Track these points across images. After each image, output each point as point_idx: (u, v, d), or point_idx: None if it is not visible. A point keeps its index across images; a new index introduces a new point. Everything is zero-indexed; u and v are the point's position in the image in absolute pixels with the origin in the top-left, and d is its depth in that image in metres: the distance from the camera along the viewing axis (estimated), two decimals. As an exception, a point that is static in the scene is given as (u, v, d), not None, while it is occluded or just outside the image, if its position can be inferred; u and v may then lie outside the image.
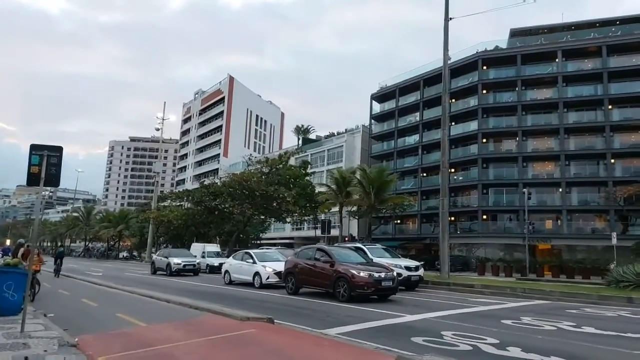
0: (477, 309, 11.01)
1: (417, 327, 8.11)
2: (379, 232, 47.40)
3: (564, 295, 13.65)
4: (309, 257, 13.52)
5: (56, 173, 7.54)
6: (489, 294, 14.38)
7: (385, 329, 8.04)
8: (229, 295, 14.06)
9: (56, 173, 7.54)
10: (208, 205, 34.91)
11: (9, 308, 8.75)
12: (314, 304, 11.49)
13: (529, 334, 7.67)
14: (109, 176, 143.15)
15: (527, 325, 8.57)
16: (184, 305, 10.38)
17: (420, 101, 50.48)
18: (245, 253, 17.97)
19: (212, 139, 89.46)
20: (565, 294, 13.78)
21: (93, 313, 10.05)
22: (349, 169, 35.44)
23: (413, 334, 7.28)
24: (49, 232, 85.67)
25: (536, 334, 7.67)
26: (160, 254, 25.89)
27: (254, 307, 10.70)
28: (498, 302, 12.81)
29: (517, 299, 13.65)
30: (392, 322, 8.65)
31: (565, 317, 9.93)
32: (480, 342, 6.67)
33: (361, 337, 7.00)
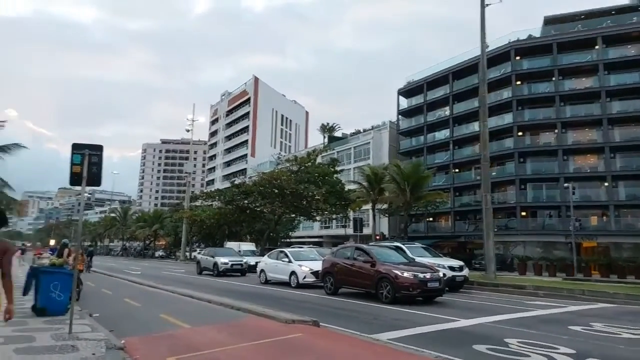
0: (537, 312, 10.35)
1: (476, 333, 7.61)
2: (409, 230, 46.47)
3: (630, 298, 12.71)
4: (347, 257, 13.14)
5: (97, 172, 7.44)
6: (543, 296, 13.57)
7: (440, 334, 7.58)
8: (266, 295, 13.85)
9: (97, 172, 7.44)
10: (239, 205, 35.00)
11: (56, 308, 8.77)
12: (357, 306, 11.11)
13: (608, 343, 7.02)
14: (142, 177, 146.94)
15: (601, 333, 7.90)
16: (226, 306, 10.20)
17: (450, 95, 49.17)
18: (280, 252, 17.74)
19: (239, 140, 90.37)
20: (631, 297, 12.81)
21: (136, 313, 10.00)
22: (379, 165, 34.74)
23: (474, 341, 6.80)
24: (89, 232, 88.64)
25: (616, 343, 7.01)
26: (206, 253, 24.79)
27: (294, 308, 10.40)
28: (557, 305, 12.03)
29: (577, 301, 12.80)
30: (446, 327, 8.16)
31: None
32: (554, 352, 6.11)
33: (416, 344, 6.57)
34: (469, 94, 47.60)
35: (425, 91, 51.82)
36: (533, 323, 8.81)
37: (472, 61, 47.02)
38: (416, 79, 53.49)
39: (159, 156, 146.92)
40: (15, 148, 19.72)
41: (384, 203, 30.28)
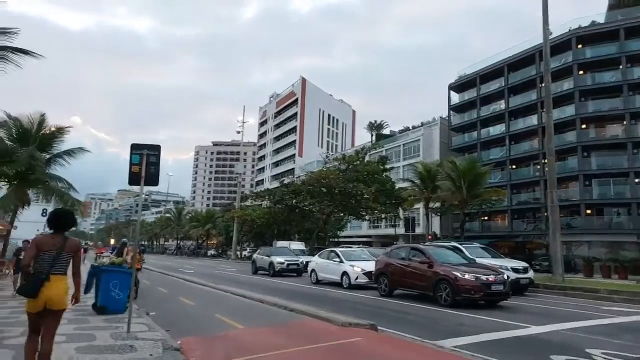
0: (618, 320, 9.35)
1: (552, 342, 6.91)
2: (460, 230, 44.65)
3: None
4: (402, 257, 12.60)
5: (155, 172, 7.47)
6: (620, 301, 12.31)
7: (511, 342, 6.93)
8: (318, 296, 13.59)
9: (155, 172, 7.47)
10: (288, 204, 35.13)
11: (115, 306, 8.95)
12: (414, 309, 10.58)
13: None
14: (195, 179, 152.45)
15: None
16: (279, 307, 10.02)
17: (505, 88, 46.79)
18: (331, 252, 17.44)
19: (287, 140, 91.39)
20: None
21: (192, 312, 10.05)
22: (433, 162, 33.50)
23: (550, 351, 6.13)
24: (145, 232, 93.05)
25: None
26: (262, 252, 24.24)
27: (348, 310, 10.05)
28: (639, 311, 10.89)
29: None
30: (517, 334, 7.48)
31: None
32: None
33: (485, 352, 6.00)
34: (526, 87, 45.20)
35: (479, 85, 49.69)
36: (615, 331, 7.92)
37: (529, 52, 44.65)
38: (468, 73, 51.43)
39: (210, 158, 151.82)
40: (80, 152, 20.69)
41: (437, 201, 29.05)
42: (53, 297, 4.06)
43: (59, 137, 19.70)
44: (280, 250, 23.87)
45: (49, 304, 4.05)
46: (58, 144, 19.95)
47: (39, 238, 4.40)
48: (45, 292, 4.02)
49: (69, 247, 4.28)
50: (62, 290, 4.16)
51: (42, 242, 4.23)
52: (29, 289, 4.06)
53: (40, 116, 19.48)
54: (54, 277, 4.11)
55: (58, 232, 4.36)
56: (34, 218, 31.79)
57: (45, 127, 19.64)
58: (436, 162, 32.60)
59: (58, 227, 4.38)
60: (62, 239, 4.29)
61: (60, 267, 4.20)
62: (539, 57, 43.57)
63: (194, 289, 15.60)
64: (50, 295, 4.04)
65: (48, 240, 4.27)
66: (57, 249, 4.21)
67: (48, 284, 4.05)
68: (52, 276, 4.10)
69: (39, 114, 19.44)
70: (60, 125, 20.02)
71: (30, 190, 19.44)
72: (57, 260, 4.17)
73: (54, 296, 4.07)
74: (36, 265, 4.13)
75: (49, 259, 4.15)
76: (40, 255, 4.15)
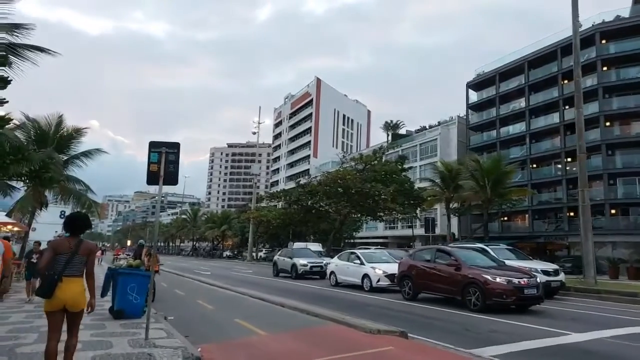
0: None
1: (599, 352, 6.38)
2: (481, 231, 43.70)
3: None
4: (427, 259, 12.10)
5: (174, 171, 7.16)
6: (660, 306, 11.66)
7: (554, 351, 6.42)
8: (339, 299, 13.17)
9: (174, 171, 7.16)
10: (305, 205, 34.75)
11: (132, 311, 8.68)
12: (442, 314, 10.09)
13: None
14: (210, 180, 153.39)
15: None
16: (301, 311, 9.63)
17: (526, 85, 45.69)
18: (351, 253, 16.99)
19: (302, 141, 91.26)
20: None
21: (211, 317, 9.72)
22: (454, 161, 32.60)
23: (603, 363, 5.61)
24: (162, 233, 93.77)
25: None
26: (283, 254, 23.48)
27: (373, 315, 9.63)
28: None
29: None
30: (558, 342, 6.96)
31: None
32: None
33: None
34: (547, 84, 44.10)
35: (498, 83, 48.67)
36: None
37: (550, 48, 43.55)
38: (487, 71, 50.44)
39: (225, 159, 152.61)
40: (97, 153, 20.68)
41: (460, 201, 28.21)
42: (68, 300, 4.17)
43: (77, 138, 19.68)
44: (303, 252, 23.05)
45: (68, 305, 4.19)
46: (75, 145, 19.96)
47: (56, 241, 4.57)
48: (59, 294, 4.13)
49: (83, 249, 4.36)
50: (76, 292, 4.23)
51: (58, 245, 4.37)
52: (43, 290, 4.19)
53: (58, 117, 19.48)
54: (67, 279, 4.20)
55: (73, 235, 4.45)
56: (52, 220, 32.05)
57: (63, 128, 19.63)
58: (457, 160, 31.70)
59: (73, 230, 4.48)
60: (77, 241, 4.38)
61: (73, 268, 4.28)
62: (560, 54, 42.49)
63: (212, 291, 15.32)
64: (65, 298, 4.16)
65: (64, 242, 4.39)
66: (71, 251, 4.31)
67: (61, 285, 4.15)
68: (64, 278, 4.19)
69: (56, 115, 19.45)
70: (78, 127, 19.97)
71: (48, 191, 19.42)
72: (70, 262, 4.26)
73: (69, 299, 4.18)
74: (51, 267, 4.24)
75: (62, 261, 4.25)
76: (56, 257, 4.26)
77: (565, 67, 42.13)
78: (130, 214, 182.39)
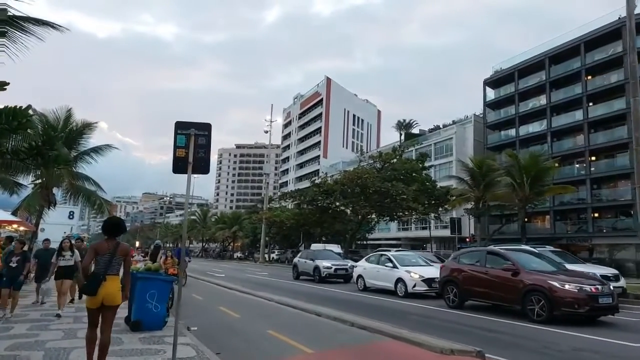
0: None
1: None
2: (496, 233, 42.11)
3: None
4: (476, 263, 10.83)
5: (205, 157, 5.98)
6: None
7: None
8: (374, 306, 11.95)
9: (205, 157, 5.98)
10: (319, 204, 33.50)
11: (152, 321, 7.51)
12: (502, 325, 8.82)
13: None
14: (218, 181, 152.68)
15: None
16: (343, 322, 8.42)
17: (547, 82, 44.13)
18: (381, 255, 15.72)
19: (311, 141, 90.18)
20: None
21: (239, 328, 8.53)
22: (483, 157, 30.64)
23: None
24: (171, 234, 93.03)
25: None
26: (304, 256, 22.15)
27: (419, 325, 8.44)
28: None
29: None
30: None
31: None
32: None
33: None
34: (569, 80, 42.49)
35: (517, 79, 47.12)
36: None
37: (572, 43, 41.96)
38: (505, 67, 48.96)
39: (233, 160, 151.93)
40: (107, 149, 19.68)
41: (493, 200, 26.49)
42: (107, 296, 4.61)
43: (87, 133, 18.66)
44: (325, 254, 21.63)
45: (105, 300, 4.60)
46: (86, 141, 18.95)
47: (96, 243, 4.98)
48: (102, 291, 4.58)
49: (120, 251, 4.85)
50: (115, 289, 4.70)
51: (98, 247, 4.82)
52: (90, 288, 4.59)
53: (67, 111, 18.46)
54: (109, 277, 4.67)
55: (111, 238, 4.89)
56: (61, 220, 31.18)
57: (72, 123, 18.62)
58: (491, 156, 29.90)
59: (111, 233, 4.92)
60: (115, 243, 4.85)
61: (114, 268, 4.75)
62: (584, 49, 40.91)
63: (233, 296, 14.13)
64: (106, 293, 4.59)
65: (103, 245, 4.83)
66: (110, 252, 4.76)
67: (105, 284, 4.60)
68: (107, 276, 4.66)
69: (65, 108, 18.43)
70: (88, 121, 18.91)
71: (57, 189, 18.40)
72: (111, 263, 4.73)
73: (109, 294, 4.62)
74: (95, 267, 4.73)
75: (104, 262, 4.72)
76: (97, 258, 4.73)
77: (589, 63, 40.60)
78: (139, 215, 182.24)
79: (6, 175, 18.63)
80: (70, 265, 9.31)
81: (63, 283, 9.06)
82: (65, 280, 9.14)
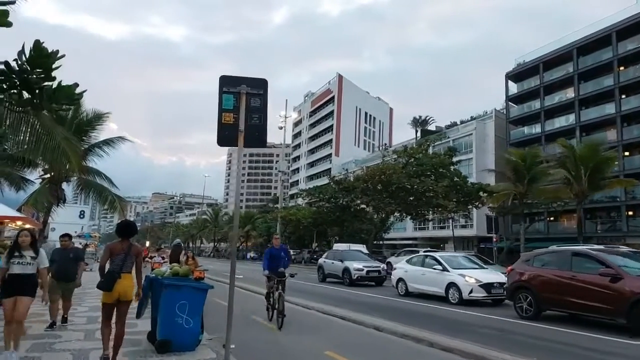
0: None
1: None
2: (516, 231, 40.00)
3: None
4: (558, 266, 9.12)
5: (260, 124, 4.41)
6: None
7: None
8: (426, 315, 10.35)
9: (260, 124, 4.41)
10: (339, 203, 31.81)
11: (183, 340, 5.92)
12: (605, 344, 7.18)
13: None
14: (228, 181, 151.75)
15: None
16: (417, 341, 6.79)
17: (575, 74, 42.04)
18: (426, 257, 14.02)
19: (323, 140, 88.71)
20: None
21: (286, 345, 6.95)
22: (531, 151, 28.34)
23: None
24: (182, 234, 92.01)
25: None
26: (331, 257, 20.49)
27: (502, 342, 6.88)
28: None
29: None
30: None
31: None
32: None
33: None
34: (599, 71, 40.40)
35: (541, 72, 45.06)
36: None
37: (603, 32, 39.88)
38: (528, 60, 46.96)
39: (243, 160, 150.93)
40: (119, 141, 18.30)
41: (540, 196, 24.39)
42: (124, 291, 5.08)
43: (99, 123, 17.25)
44: (354, 254, 19.85)
45: (121, 296, 5.07)
46: (97, 133, 17.56)
47: (112, 244, 5.40)
48: (117, 288, 5.02)
49: (133, 251, 5.28)
50: (129, 286, 5.17)
51: (113, 247, 5.26)
52: (106, 284, 5.01)
53: (76, 100, 17.06)
54: (124, 275, 5.11)
55: (124, 239, 5.30)
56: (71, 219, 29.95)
57: (82, 112, 17.22)
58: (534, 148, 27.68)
59: (125, 234, 5.34)
60: (128, 244, 5.29)
61: (128, 267, 5.19)
62: (616, 38, 38.83)
63: (262, 301, 12.54)
64: (121, 290, 5.05)
65: (117, 245, 5.26)
66: (124, 252, 5.19)
67: (119, 281, 5.05)
68: (122, 274, 5.09)
69: (74, 97, 17.01)
70: (99, 111, 17.50)
71: (66, 184, 17.03)
72: (125, 262, 5.16)
73: (124, 290, 5.09)
74: (110, 266, 5.13)
75: (119, 261, 5.14)
76: (112, 258, 5.17)
77: (621, 53, 38.51)
78: (149, 215, 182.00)
79: (12, 169, 17.43)
80: (30, 274, 5.37)
81: (18, 303, 5.17)
82: (21, 299, 5.21)
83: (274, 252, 8.96)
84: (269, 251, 9.06)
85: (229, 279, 5.33)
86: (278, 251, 9.01)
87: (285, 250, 9.30)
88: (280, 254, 8.96)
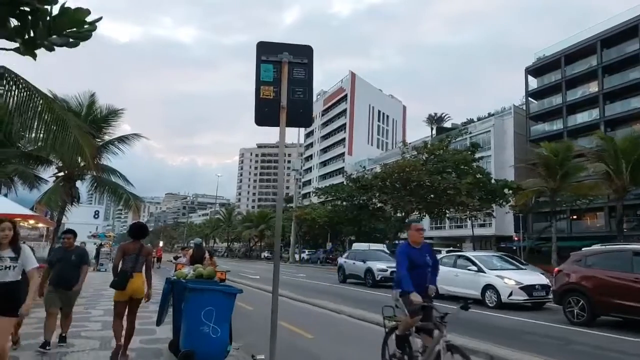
0: None
1: None
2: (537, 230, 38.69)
3: None
4: (617, 267, 8.25)
5: (305, 98, 3.68)
6: None
7: None
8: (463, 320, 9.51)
9: (305, 98, 3.68)
10: (356, 202, 31.01)
11: (210, 350, 5.20)
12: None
13: None
14: (240, 181, 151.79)
15: None
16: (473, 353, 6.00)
17: (599, 67, 40.63)
18: (459, 257, 13.19)
19: (335, 138, 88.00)
20: None
21: (320, 356, 6.22)
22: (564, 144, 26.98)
23: None
24: (195, 234, 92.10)
25: None
26: (352, 257, 19.66)
27: (564, 354, 6.06)
28: None
29: None
30: None
31: None
32: None
33: None
34: (625, 64, 38.97)
35: (563, 66, 43.68)
36: None
37: (629, 24, 38.42)
38: (549, 54, 45.58)
39: (255, 160, 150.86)
40: (135, 138, 17.79)
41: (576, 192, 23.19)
42: (136, 290, 5.33)
43: (114, 119, 16.79)
44: (377, 255, 19.10)
45: (133, 294, 5.31)
46: (112, 130, 17.12)
47: (125, 244, 5.61)
48: (130, 286, 5.26)
49: (144, 251, 5.54)
50: (141, 285, 5.39)
51: (126, 248, 5.48)
52: (120, 283, 5.27)
53: (90, 96, 16.65)
54: (136, 274, 5.34)
55: (136, 240, 5.57)
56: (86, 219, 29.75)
57: (97, 109, 16.79)
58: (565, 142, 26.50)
59: (137, 235, 5.63)
60: (139, 245, 5.55)
61: (139, 266, 5.43)
62: (643, 29, 37.36)
63: (286, 304, 11.76)
64: (134, 288, 5.30)
65: (130, 246, 5.49)
66: (136, 253, 5.44)
67: (132, 280, 5.28)
68: (134, 273, 5.32)
69: (87, 93, 16.60)
70: (114, 107, 17.03)
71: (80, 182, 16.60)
72: (136, 262, 5.39)
73: (136, 289, 5.33)
74: (123, 265, 5.37)
75: (131, 261, 5.36)
76: (125, 258, 5.38)
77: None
78: (162, 215, 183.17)
79: (26, 167, 17.05)
80: (9, 283, 3.72)
81: None
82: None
83: (414, 255, 4.67)
84: (407, 250, 4.72)
85: (272, 286, 4.57)
86: (421, 253, 4.75)
87: (430, 252, 4.99)
88: (425, 258, 4.77)
